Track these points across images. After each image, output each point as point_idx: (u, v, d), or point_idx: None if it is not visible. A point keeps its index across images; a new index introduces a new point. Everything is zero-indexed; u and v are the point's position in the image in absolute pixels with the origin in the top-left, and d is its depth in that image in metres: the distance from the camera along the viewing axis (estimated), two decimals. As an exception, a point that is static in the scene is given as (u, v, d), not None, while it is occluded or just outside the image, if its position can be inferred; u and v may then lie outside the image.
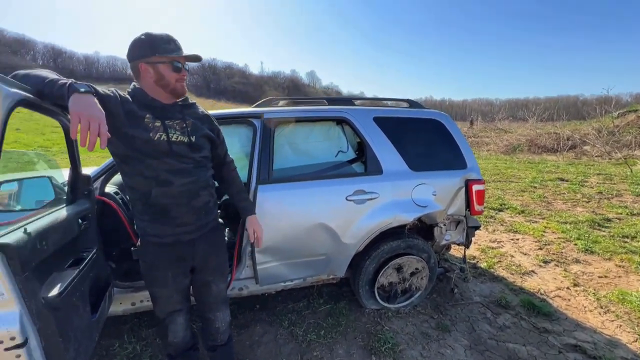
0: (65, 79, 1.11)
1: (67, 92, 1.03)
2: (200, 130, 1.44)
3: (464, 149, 2.52)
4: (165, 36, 1.32)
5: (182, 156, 1.37)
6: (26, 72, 1.10)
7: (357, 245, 2.26)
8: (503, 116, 24.73)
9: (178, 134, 1.36)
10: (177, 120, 1.38)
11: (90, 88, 1.10)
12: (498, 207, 5.52)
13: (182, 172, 1.37)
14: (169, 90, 1.36)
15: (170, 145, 1.33)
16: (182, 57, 1.34)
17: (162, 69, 1.31)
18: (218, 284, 1.61)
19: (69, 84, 1.06)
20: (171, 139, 1.33)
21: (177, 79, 1.34)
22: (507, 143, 15.80)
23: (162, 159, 1.32)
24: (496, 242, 4.00)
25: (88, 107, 1.02)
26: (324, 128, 2.46)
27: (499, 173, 9.03)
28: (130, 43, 1.32)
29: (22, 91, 0.99)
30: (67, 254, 1.39)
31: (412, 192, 2.31)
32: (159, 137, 1.31)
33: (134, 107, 1.29)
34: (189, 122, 1.41)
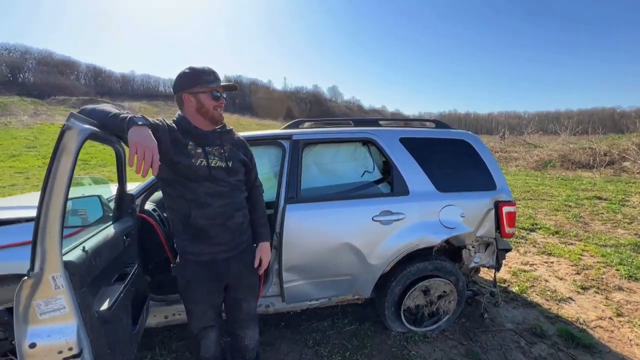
0: (125, 112, 1.24)
1: (127, 125, 1.16)
2: (236, 155, 1.54)
3: (493, 170, 2.48)
4: (207, 69, 1.46)
5: (220, 180, 1.46)
6: (92, 106, 1.24)
7: (383, 266, 2.25)
8: (532, 130, 23.82)
9: (217, 159, 1.46)
10: (216, 147, 1.49)
11: (145, 121, 1.22)
12: (529, 227, 5.28)
13: (220, 195, 1.46)
14: (208, 117, 1.47)
15: (209, 170, 1.43)
16: (220, 87, 1.45)
17: (203, 98, 1.43)
18: (249, 302, 1.67)
19: (129, 118, 1.18)
20: (210, 164, 1.44)
21: (215, 106, 1.45)
22: (538, 158, 15.14)
23: (201, 183, 1.43)
24: (528, 265, 3.82)
25: (144, 138, 1.14)
26: (350, 148, 2.51)
27: (529, 190, 8.66)
28: (176, 77, 1.46)
29: (91, 126, 1.11)
30: (113, 270, 1.51)
31: (440, 214, 2.29)
32: (200, 163, 1.41)
33: (179, 135, 1.41)
34: (227, 148, 1.51)
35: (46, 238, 0.99)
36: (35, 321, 1.03)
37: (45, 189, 0.97)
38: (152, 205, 2.38)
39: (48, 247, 0.99)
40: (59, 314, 1.04)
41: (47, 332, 1.03)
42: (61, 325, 1.04)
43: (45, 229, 0.98)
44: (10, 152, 12.48)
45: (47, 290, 1.02)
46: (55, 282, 1.02)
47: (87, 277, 1.14)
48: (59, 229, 1.01)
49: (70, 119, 1.03)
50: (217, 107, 1.46)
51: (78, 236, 1.40)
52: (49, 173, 0.99)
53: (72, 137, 1.01)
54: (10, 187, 7.85)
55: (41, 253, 0.99)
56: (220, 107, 1.48)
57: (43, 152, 13.14)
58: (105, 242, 1.37)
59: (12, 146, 13.64)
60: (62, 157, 1.00)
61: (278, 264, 2.14)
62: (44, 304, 1.02)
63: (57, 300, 1.03)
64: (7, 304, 1.79)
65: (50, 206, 0.98)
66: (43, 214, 0.98)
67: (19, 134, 16.24)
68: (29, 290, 1.02)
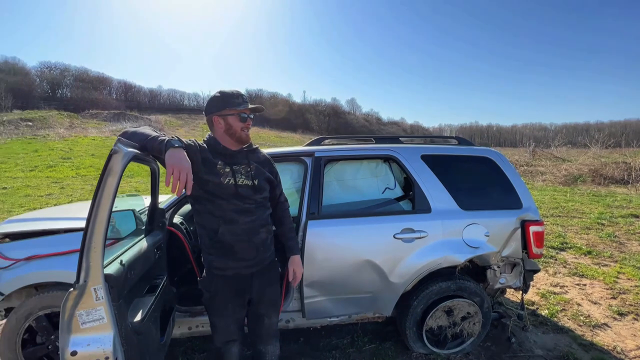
0: (163, 135, 1.34)
1: (164, 148, 1.25)
2: (262, 173, 1.60)
3: (519, 188, 2.42)
4: (235, 92, 1.54)
5: (246, 197, 1.52)
6: (134, 130, 1.35)
7: (404, 285, 2.22)
8: (560, 142, 22.93)
9: (244, 178, 1.53)
10: (243, 165, 1.56)
11: (181, 143, 1.31)
12: (559, 245, 5.04)
13: (246, 212, 1.52)
14: (236, 138, 1.54)
15: (236, 188, 1.50)
16: (247, 110, 1.53)
17: (231, 120, 1.51)
18: (271, 317, 1.70)
19: (166, 141, 1.27)
20: (237, 183, 1.50)
21: (243, 127, 1.53)
22: (567, 173, 14.50)
23: (229, 200, 1.49)
24: (559, 287, 3.64)
25: (179, 160, 1.22)
26: (371, 165, 2.53)
27: (558, 207, 8.29)
28: (208, 100, 1.56)
29: (134, 150, 1.21)
30: (145, 281, 1.58)
31: (463, 232, 2.25)
32: (228, 181, 1.48)
33: (208, 155, 1.49)
34: (253, 166, 1.58)
35: (91, 252, 1.07)
36: (77, 330, 1.10)
37: (93, 207, 1.06)
38: (179, 218, 2.48)
39: (92, 260, 1.07)
40: (98, 324, 1.11)
41: (87, 341, 1.10)
42: (100, 335, 1.11)
43: (91, 244, 1.06)
44: (48, 163, 13.33)
45: (89, 302, 1.10)
46: (97, 294, 1.10)
47: (124, 290, 1.22)
48: (102, 244, 1.09)
49: (118, 143, 1.13)
50: (244, 128, 1.54)
51: (113, 249, 1.49)
52: (97, 192, 1.08)
53: (118, 160, 1.10)
54: (47, 196, 8.36)
55: (86, 266, 1.07)
56: (248, 128, 1.56)
57: (77, 163, 13.94)
58: (139, 255, 1.45)
59: (50, 157, 14.57)
60: (109, 178, 1.09)
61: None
62: (86, 314, 1.10)
63: (97, 311, 1.11)
64: (46, 309, 1.91)
65: (97, 222, 1.06)
66: (90, 229, 1.06)
67: (55, 145, 17.34)
68: (73, 301, 1.09)
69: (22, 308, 1.89)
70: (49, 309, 1.89)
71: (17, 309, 1.90)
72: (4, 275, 1.88)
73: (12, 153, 14.78)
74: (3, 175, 10.81)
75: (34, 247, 1.94)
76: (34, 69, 48.80)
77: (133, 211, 1.90)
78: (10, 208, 6.71)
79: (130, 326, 1.23)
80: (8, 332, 1.89)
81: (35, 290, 2.01)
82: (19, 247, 1.95)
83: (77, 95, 47.72)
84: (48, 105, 36.39)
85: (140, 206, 2.31)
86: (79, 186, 9.84)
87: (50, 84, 49.07)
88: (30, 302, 1.90)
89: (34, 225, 2.13)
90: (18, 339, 1.88)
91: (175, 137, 1.36)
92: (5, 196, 7.99)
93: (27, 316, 1.89)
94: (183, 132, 33.36)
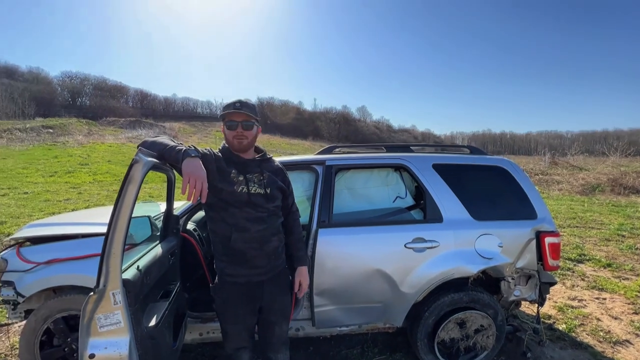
0: (180, 145, 1.38)
1: (181, 157, 1.29)
2: (274, 182, 1.62)
3: (533, 198, 2.38)
4: (232, 102, 1.52)
5: (258, 206, 1.55)
6: (153, 139, 1.40)
7: (415, 295, 2.20)
8: (577, 151, 22.35)
9: (256, 186, 1.55)
10: (256, 174, 1.58)
11: (197, 152, 1.35)
12: (577, 257, 4.88)
13: (258, 220, 1.55)
14: (234, 147, 1.54)
15: (249, 197, 1.53)
16: (232, 115, 1.48)
17: (224, 128, 1.54)
18: (281, 326, 1.70)
19: (183, 150, 1.32)
20: (250, 191, 1.53)
21: (233, 136, 1.51)
22: (584, 182, 14.09)
23: (242, 208, 1.52)
24: (577, 301, 3.52)
25: (195, 169, 1.26)
26: (382, 174, 2.53)
27: (575, 217, 8.05)
28: None
29: (153, 159, 1.26)
30: (159, 287, 1.62)
31: (476, 243, 2.22)
32: (241, 190, 1.52)
33: (223, 163, 1.53)
34: (266, 175, 1.61)
35: (111, 257, 1.11)
36: (96, 333, 1.13)
37: (114, 214, 1.10)
38: (193, 225, 2.52)
39: (112, 266, 1.11)
40: (115, 327, 1.14)
41: (105, 345, 1.13)
42: (117, 339, 1.14)
43: (111, 249, 1.10)
44: (67, 169, 13.77)
45: (107, 306, 1.13)
46: (115, 298, 1.13)
47: (140, 295, 1.25)
48: (121, 249, 1.13)
49: (139, 153, 1.17)
50: (236, 137, 1.50)
51: (129, 254, 1.53)
52: (118, 199, 1.12)
53: (138, 169, 1.15)
54: (65, 201, 8.62)
55: (105, 271, 1.11)
56: (239, 137, 1.51)
57: (94, 169, 14.36)
58: (154, 261, 1.49)
59: (68, 163, 15.06)
60: (129, 186, 1.14)
61: (309, 288, 2.16)
62: (104, 317, 1.13)
63: (114, 315, 1.14)
64: (64, 312, 1.96)
65: (117, 229, 1.11)
66: (110, 235, 1.10)
67: (74, 152, 17.92)
68: (93, 305, 1.13)
69: (41, 310, 1.96)
70: (67, 311, 1.94)
71: (37, 311, 1.96)
72: (25, 278, 1.95)
73: (34, 159, 15.34)
74: (24, 180, 11.22)
75: (54, 251, 2.01)
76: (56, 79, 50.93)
77: (149, 217, 1.95)
78: (31, 212, 6.94)
79: (145, 331, 1.26)
80: (27, 334, 1.95)
81: (53, 293, 2.08)
82: (40, 251, 2.03)
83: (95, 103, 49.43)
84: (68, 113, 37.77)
85: (155, 212, 2.37)
86: (95, 191, 10.12)
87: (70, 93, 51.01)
88: (49, 305, 1.96)
89: (54, 230, 2.21)
90: (36, 340, 1.94)
91: (192, 146, 1.40)
92: (26, 200, 8.28)
93: (45, 318, 1.95)
94: (196, 139, 34.02)
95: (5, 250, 2.07)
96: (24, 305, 2.07)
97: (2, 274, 1.97)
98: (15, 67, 46.43)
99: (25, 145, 18.81)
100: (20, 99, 30.44)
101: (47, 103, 40.81)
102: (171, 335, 1.59)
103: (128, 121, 36.32)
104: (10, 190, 9.46)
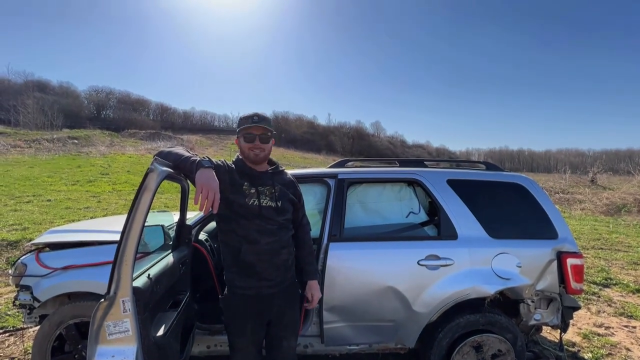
0: (194, 155, 1.41)
1: (195, 168, 1.32)
2: (285, 195, 1.63)
3: (554, 217, 2.28)
4: (249, 115, 1.55)
5: (269, 219, 1.55)
6: (168, 150, 1.43)
7: (429, 315, 2.11)
8: (600, 169, 21.53)
9: (268, 199, 1.56)
10: (268, 186, 1.59)
11: (211, 163, 1.37)
12: (602, 281, 4.62)
13: (268, 233, 1.54)
14: (250, 160, 1.57)
15: (260, 209, 1.53)
16: (250, 128, 1.51)
17: (241, 141, 1.56)
18: (289, 341, 1.67)
19: (197, 161, 1.35)
20: (262, 204, 1.54)
21: (250, 148, 1.53)
22: (608, 202, 13.49)
23: (252, 220, 1.52)
24: (603, 328, 3.30)
25: (208, 180, 1.28)
26: (395, 188, 2.50)
27: (599, 238, 7.67)
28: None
29: (168, 169, 1.29)
30: (168, 296, 1.62)
31: (492, 262, 2.14)
32: (253, 202, 1.52)
33: (236, 176, 1.55)
34: (277, 188, 1.61)
35: (123, 265, 1.12)
36: (104, 341, 1.14)
37: (128, 221, 1.13)
38: (204, 235, 2.54)
39: (123, 273, 1.12)
40: (124, 336, 1.15)
41: (112, 353, 1.13)
42: (124, 348, 1.14)
43: (123, 256, 1.12)
44: (88, 178, 14.28)
45: (117, 313, 1.14)
46: (124, 306, 1.14)
47: (149, 303, 1.25)
48: (133, 257, 1.14)
49: (154, 162, 1.21)
50: (252, 149, 1.53)
51: (141, 262, 1.55)
52: (132, 207, 1.15)
53: (153, 178, 1.18)
54: (85, 209, 8.90)
55: (117, 278, 1.12)
56: (255, 149, 1.53)
57: (113, 179, 14.83)
58: (165, 270, 1.50)
59: (90, 172, 15.63)
60: (144, 195, 1.16)
61: (319, 303, 2.12)
62: (113, 325, 1.14)
63: (123, 323, 1.14)
64: (76, 319, 1.99)
65: (130, 236, 1.12)
66: (123, 242, 1.12)
67: (96, 162, 18.62)
68: (103, 312, 1.14)
69: (55, 316, 1.99)
70: (79, 318, 1.97)
71: (51, 317, 1.99)
72: (43, 283, 2.00)
73: (59, 168, 16.01)
74: (49, 188, 11.68)
75: (71, 257, 2.06)
76: (84, 92, 53.66)
77: (162, 226, 1.98)
78: (52, 219, 7.19)
79: (153, 340, 1.25)
80: (40, 339, 1.98)
81: (67, 299, 2.11)
82: (58, 257, 2.08)
83: (118, 116, 51.60)
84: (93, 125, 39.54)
85: (169, 222, 2.41)
86: (114, 200, 10.41)
87: (96, 106, 53.54)
88: (63, 311, 1.99)
89: (72, 237, 2.27)
90: (49, 345, 1.96)
91: (206, 157, 1.43)
92: (49, 208, 8.60)
93: (58, 324, 1.97)
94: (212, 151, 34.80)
95: (26, 255, 2.14)
96: (39, 310, 2.11)
97: (21, 278, 2.03)
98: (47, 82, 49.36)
99: (51, 154, 19.71)
100: (50, 111, 32.18)
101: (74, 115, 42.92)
102: (179, 345, 1.57)
103: (148, 133, 37.63)
104: (35, 197, 9.86)
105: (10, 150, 19.85)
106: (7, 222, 6.60)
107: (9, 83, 44.05)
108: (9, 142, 21.26)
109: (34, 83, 44.90)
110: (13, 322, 3.09)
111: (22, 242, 5.25)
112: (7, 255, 4.86)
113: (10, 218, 6.96)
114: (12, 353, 2.62)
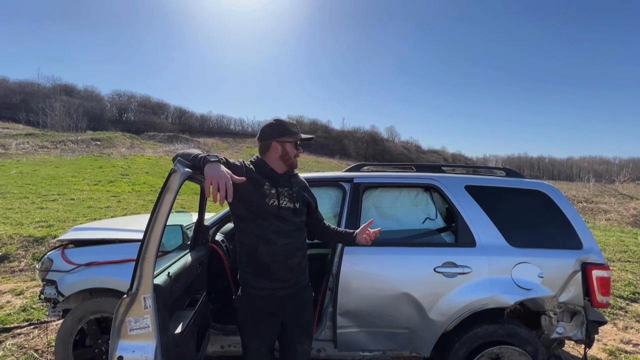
0: (203, 152, 1.44)
1: (202, 163, 1.35)
2: (302, 197, 1.65)
3: (578, 227, 2.20)
4: (293, 122, 1.67)
5: (286, 219, 1.57)
6: (183, 151, 1.47)
7: (445, 324, 2.07)
8: (626, 178, 20.60)
9: (286, 200, 1.58)
10: (286, 188, 1.61)
11: (217, 157, 1.39)
12: (629, 296, 4.40)
13: (284, 234, 1.56)
14: (289, 164, 1.63)
15: (279, 210, 1.55)
16: (304, 139, 1.64)
17: (288, 146, 1.61)
18: (303, 344, 1.66)
19: (203, 157, 1.38)
20: (281, 204, 1.56)
21: (296, 154, 1.63)
22: (636, 212, 12.87)
23: (270, 221, 1.54)
24: (631, 345, 3.14)
25: (216, 171, 1.31)
26: (411, 194, 2.47)
27: (627, 250, 7.31)
28: (264, 126, 1.65)
29: (189, 170, 1.32)
30: (186, 295, 1.65)
31: (512, 271, 2.08)
32: (272, 203, 1.54)
33: (256, 175, 1.57)
34: (295, 190, 1.63)
35: (145, 262, 1.15)
36: (125, 336, 1.17)
37: (151, 220, 1.16)
38: (221, 236, 2.58)
39: (145, 270, 1.15)
40: (144, 332, 1.17)
41: (133, 348, 1.16)
42: (144, 343, 1.16)
43: (146, 254, 1.15)
44: (109, 179, 14.79)
45: (138, 309, 1.17)
46: (145, 302, 1.17)
47: (168, 301, 1.28)
48: (154, 255, 1.17)
49: (177, 163, 1.24)
50: (297, 155, 1.64)
51: (161, 261, 1.59)
52: (155, 207, 1.18)
53: (176, 179, 1.21)
54: (106, 208, 9.21)
55: (139, 275, 1.16)
56: (298, 155, 1.66)
57: (133, 180, 15.29)
58: (184, 269, 1.53)
59: (111, 173, 16.18)
60: (167, 195, 1.20)
61: (333, 307, 2.11)
62: (134, 321, 1.17)
63: (144, 319, 1.17)
64: (97, 314, 2.05)
65: (152, 235, 1.16)
66: (146, 240, 1.16)
67: (117, 163, 19.26)
68: (125, 307, 1.18)
69: (77, 310, 2.06)
70: (99, 313, 2.03)
71: (73, 311, 2.07)
72: (67, 278, 2.07)
73: (82, 168, 16.65)
74: (72, 187, 12.16)
75: (94, 254, 2.14)
76: (107, 96, 55.81)
77: (181, 226, 2.03)
78: (75, 217, 7.47)
79: (171, 338, 1.28)
80: (63, 332, 2.05)
81: (89, 294, 2.19)
82: (81, 254, 2.16)
83: (139, 119, 53.32)
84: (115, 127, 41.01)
85: (187, 222, 2.46)
86: (133, 200, 10.73)
87: (118, 109, 55.51)
88: (85, 306, 2.07)
89: (95, 234, 2.35)
90: (71, 339, 2.03)
91: (215, 154, 1.45)
92: (72, 206, 8.95)
93: (80, 318, 2.04)
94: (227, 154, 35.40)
95: (52, 251, 2.23)
96: (62, 304, 2.20)
97: (47, 272, 2.11)
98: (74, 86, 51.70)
99: (75, 155, 20.52)
100: (75, 114, 33.69)
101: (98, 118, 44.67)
102: (195, 344, 1.60)
103: (166, 136, 38.66)
104: (60, 196, 10.29)
105: (38, 151, 20.81)
106: (34, 219, 6.91)
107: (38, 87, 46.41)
108: (37, 143, 22.31)
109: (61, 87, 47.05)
110: (38, 315, 3.22)
111: (47, 238, 5.48)
112: (34, 251, 5.08)
113: (36, 215, 7.28)
114: (36, 345, 2.72)
